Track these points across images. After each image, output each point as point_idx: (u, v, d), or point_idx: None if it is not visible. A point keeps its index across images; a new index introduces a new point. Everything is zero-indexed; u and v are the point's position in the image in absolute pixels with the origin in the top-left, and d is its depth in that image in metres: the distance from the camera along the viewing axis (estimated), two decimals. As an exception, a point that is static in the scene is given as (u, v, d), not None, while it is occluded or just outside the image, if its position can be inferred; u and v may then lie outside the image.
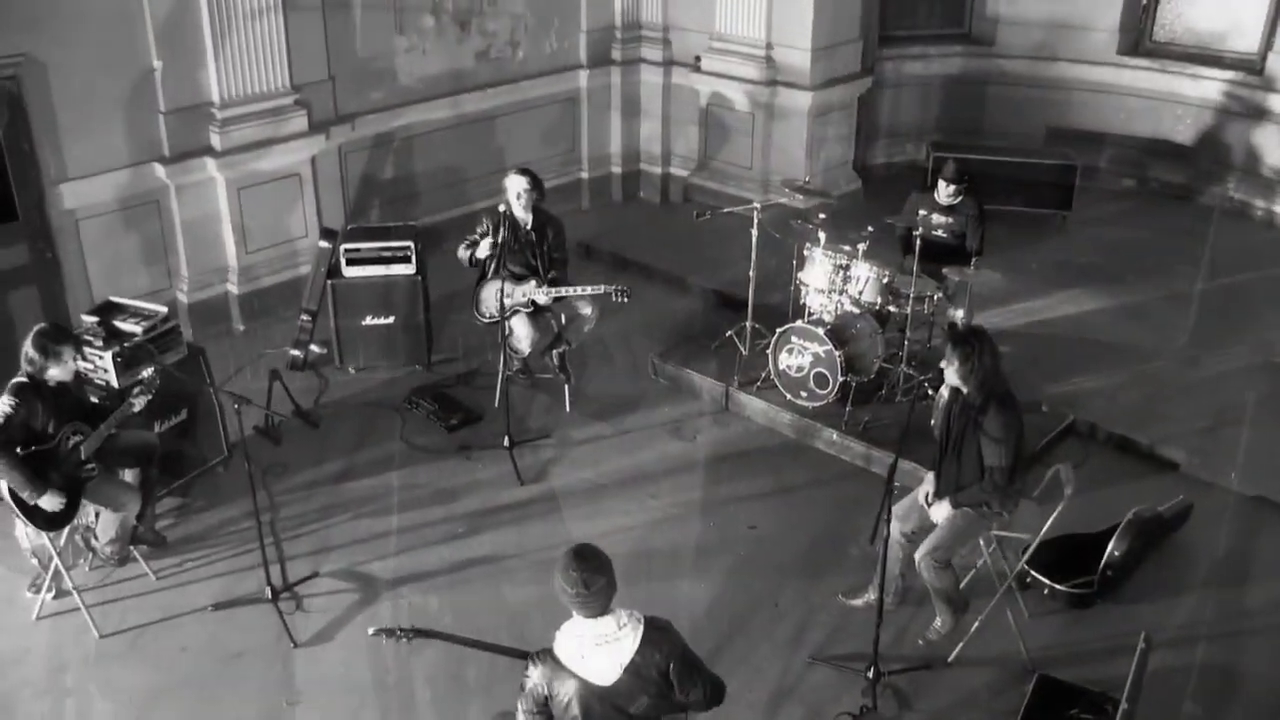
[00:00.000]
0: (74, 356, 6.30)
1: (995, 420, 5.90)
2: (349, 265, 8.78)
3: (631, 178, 12.53)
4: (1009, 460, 5.93)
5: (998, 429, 5.90)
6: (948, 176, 8.59)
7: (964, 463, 6.07)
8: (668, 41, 11.94)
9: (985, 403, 5.92)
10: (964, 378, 5.92)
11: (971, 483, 6.06)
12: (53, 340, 6.20)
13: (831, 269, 8.07)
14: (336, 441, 8.24)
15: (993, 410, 5.90)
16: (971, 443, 6.01)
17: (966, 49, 12.82)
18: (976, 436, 5.97)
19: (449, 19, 10.63)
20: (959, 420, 6.06)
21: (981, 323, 8.78)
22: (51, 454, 6.25)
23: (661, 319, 9.83)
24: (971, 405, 5.97)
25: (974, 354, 5.86)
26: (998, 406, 5.91)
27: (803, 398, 8.16)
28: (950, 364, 5.93)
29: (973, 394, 5.95)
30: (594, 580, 4.30)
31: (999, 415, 5.90)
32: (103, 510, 6.66)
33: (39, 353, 6.16)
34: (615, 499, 7.64)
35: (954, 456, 6.11)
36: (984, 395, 5.92)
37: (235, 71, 9.08)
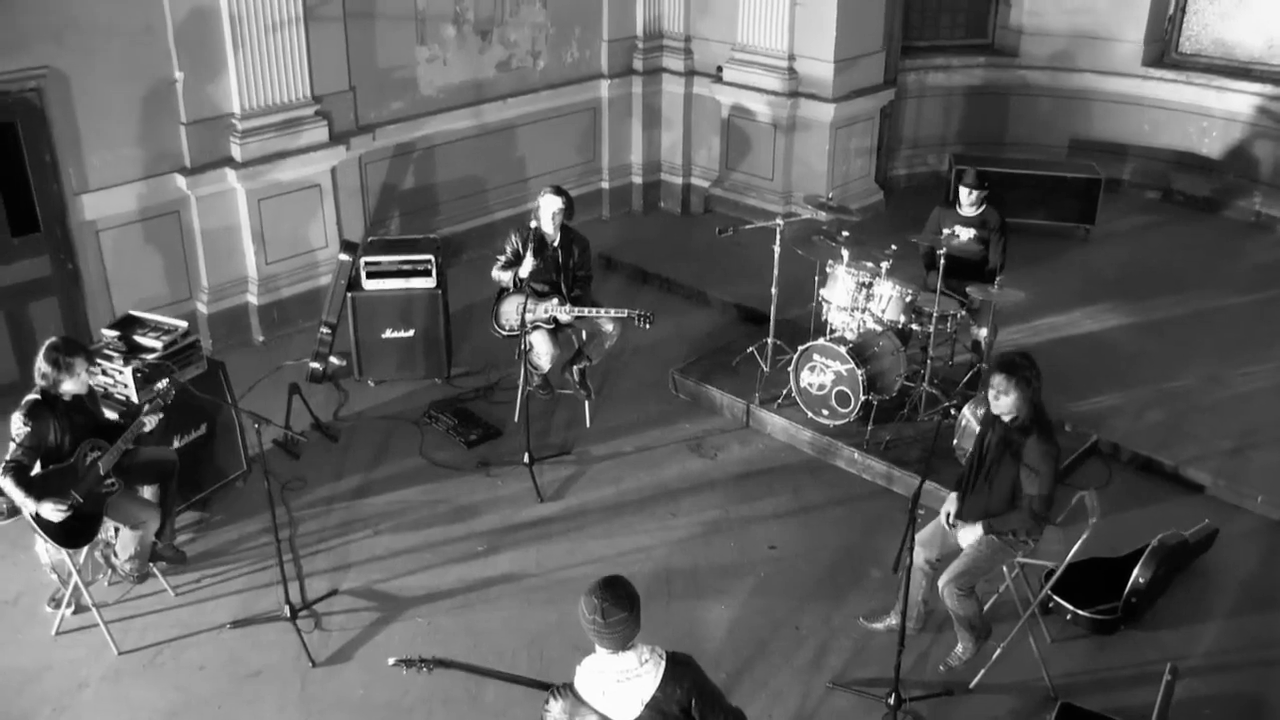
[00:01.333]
0: (86, 369, 6.24)
1: (1036, 449, 5.80)
2: (369, 278, 8.76)
3: (652, 188, 12.49)
4: (1048, 490, 5.84)
5: (1038, 458, 5.80)
6: (968, 183, 8.50)
7: (995, 489, 5.99)
8: (689, 51, 11.90)
9: (1027, 431, 5.84)
10: (1017, 407, 5.79)
11: (1000, 510, 5.98)
12: (64, 353, 6.14)
13: (854, 286, 8.02)
14: (356, 456, 8.21)
15: (1034, 439, 5.81)
16: (1007, 470, 5.91)
17: (989, 60, 12.75)
18: (1015, 465, 5.87)
19: (470, 29, 10.61)
20: (996, 447, 5.96)
21: (1003, 339, 8.79)
22: (71, 471, 6.22)
23: (682, 333, 9.79)
24: (1013, 433, 5.88)
25: (1030, 382, 5.75)
26: (1039, 435, 5.82)
27: (824, 416, 8.11)
28: (1005, 394, 5.76)
29: (1020, 421, 5.84)
30: (613, 612, 4.26)
31: (1040, 444, 5.80)
32: (122, 527, 6.63)
33: (51, 366, 6.12)
34: (635, 517, 7.60)
35: (985, 482, 6.03)
36: (1028, 424, 5.83)
37: (256, 82, 9.07)
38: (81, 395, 6.32)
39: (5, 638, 6.59)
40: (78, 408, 6.32)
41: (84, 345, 6.39)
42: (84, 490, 6.25)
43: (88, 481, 6.28)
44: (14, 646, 6.52)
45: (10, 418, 6.18)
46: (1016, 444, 5.85)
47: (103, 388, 7.08)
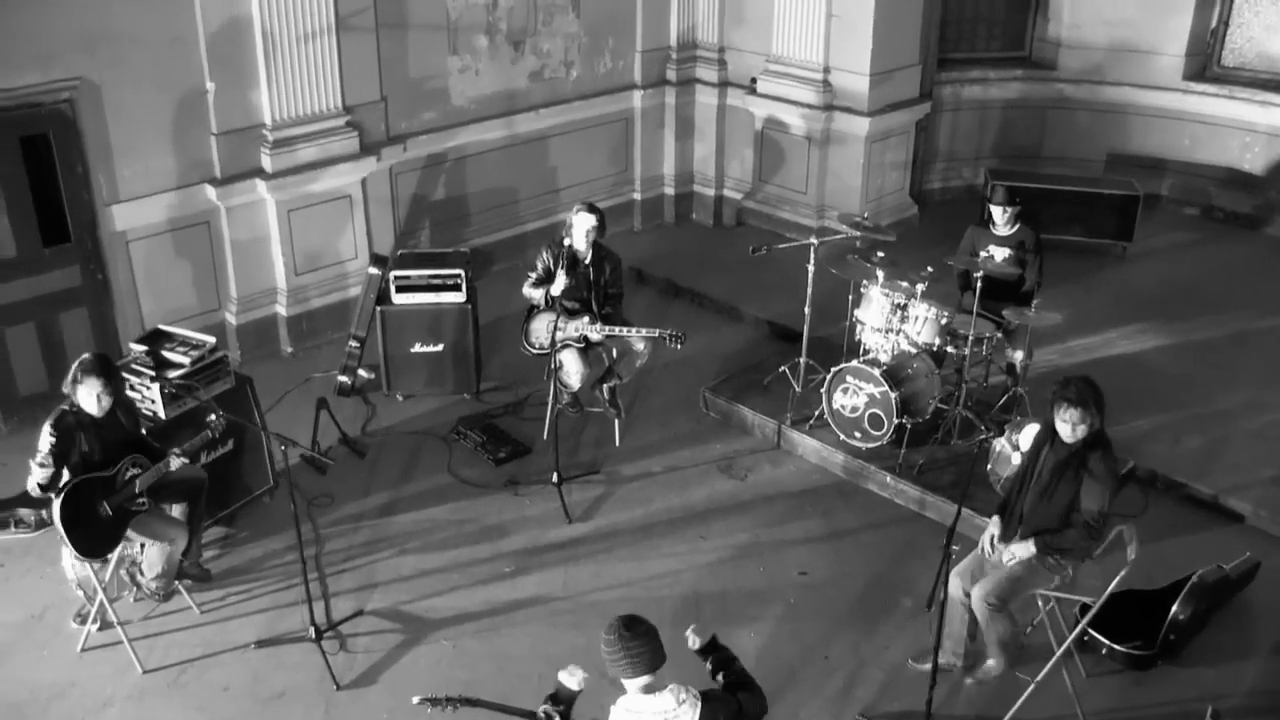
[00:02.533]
0: (103, 390, 6.11)
1: (1100, 465, 5.77)
2: (399, 292, 8.70)
3: (684, 199, 12.40)
4: (1108, 505, 5.81)
5: (1104, 473, 5.77)
6: (999, 201, 8.35)
7: (1054, 506, 5.91)
8: (723, 63, 11.80)
9: (1091, 446, 5.79)
10: (1081, 426, 5.74)
11: (1056, 528, 5.90)
12: (80, 369, 6.13)
13: (889, 308, 7.91)
14: (383, 472, 8.16)
15: (1098, 455, 5.78)
16: (1067, 489, 5.85)
17: (1027, 73, 12.61)
18: (1075, 483, 5.82)
19: (503, 39, 10.54)
20: (1055, 468, 5.88)
21: (1039, 360, 8.66)
22: (108, 482, 6.23)
23: (713, 349, 9.70)
24: (1075, 454, 5.82)
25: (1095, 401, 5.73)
26: (1103, 451, 5.80)
27: (856, 438, 8.00)
28: (1080, 424, 5.72)
29: (1088, 438, 5.79)
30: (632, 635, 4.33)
31: (1105, 460, 5.79)
32: (149, 543, 6.59)
33: (70, 379, 6.15)
34: (664, 540, 7.50)
35: (1044, 501, 5.93)
36: (1089, 442, 5.79)
37: (287, 93, 9.04)
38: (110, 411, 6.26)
39: (32, 653, 6.57)
40: (109, 423, 6.28)
41: (107, 368, 6.22)
42: (115, 503, 6.25)
43: (120, 496, 6.27)
44: (40, 662, 6.49)
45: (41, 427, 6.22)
46: (1080, 460, 5.80)
47: (132, 402, 7.05)
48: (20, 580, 7.06)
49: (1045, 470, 5.92)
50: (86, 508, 6.19)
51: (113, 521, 6.29)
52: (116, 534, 6.36)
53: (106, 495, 6.23)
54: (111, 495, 6.25)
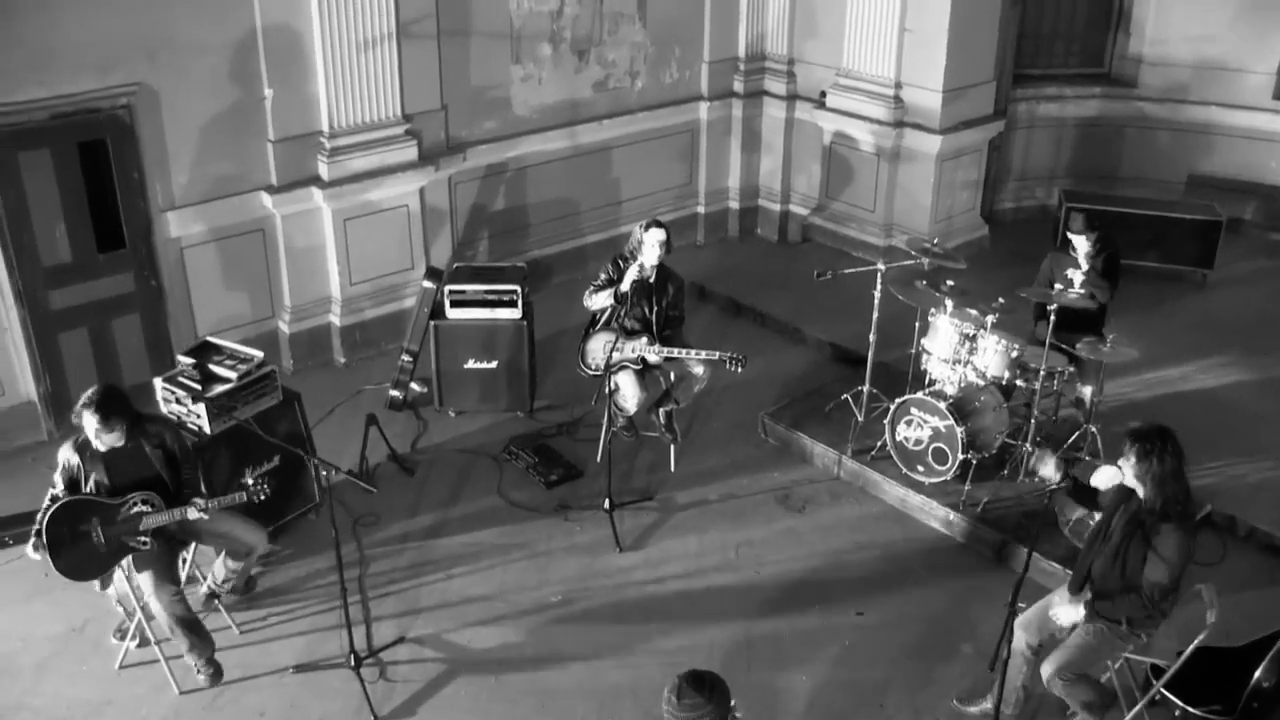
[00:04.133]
0: (100, 429, 5.86)
1: (1170, 539, 5.35)
2: (453, 307, 8.54)
3: (749, 214, 12.15)
4: (1172, 583, 5.40)
5: (1171, 549, 5.34)
6: (1078, 229, 7.94)
7: (1128, 572, 5.52)
8: (792, 75, 11.53)
9: (1162, 515, 5.37)
10: (1140, 478, 5.39)
11: (1117, 593, 5.55)
12: (83, 404, 5.88)
13: (957, 338, 7.61)
14: (431, 491, 7.99)
15: (1170, 527, 5.35)
16: (1137, 552, 5.46)
17: (1105, 90, 12.23)
18: (1144, 547, 5.43)
19: (567, 48, 10.36)
20: (1127, 525, 5.51)
21: (1111, 393, 8.33)
22: (105, 508, 6.01)
23: (774, 371, 9.44)
24: (1146, 514, 5.43)
25: (1153, 454, 5.32)
26: (1178, 524, 5.36)
27: (919, 472, 7.72)
28: (1127, 460, 5.40)
29: (1149, 500, 5.40)
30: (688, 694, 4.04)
31: (1175, 535, 5.34)
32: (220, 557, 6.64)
33: (75, 414, 5.92)
34: (717, 573, 7.26)
35: (1115, 564, 5.56)
36: (1161, 505, 5.37)
37: (346, 100, 8.91)
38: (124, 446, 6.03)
39: (71, 667, 6.48)
40: (125, 456, 6.06)
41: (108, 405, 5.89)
42: (113, 534, 6.03)
43: (120, 528, 6.04)
44: (79, 677, 6.40)
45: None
46: (1150, 527, 5.40)
47: (176, 416, 6.96)
48: (64, 592, 6.92)
49: (1118, 527, 5.56)
50: (78, 529, 5.99)
51: (108, 551, 6.07)
52: (109, 564, 6.14)
53: (105, 523, 6.01)
54: (110, 525, 6.02)
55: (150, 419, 6.25)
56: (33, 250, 8.03)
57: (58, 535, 5.98)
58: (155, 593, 6.09)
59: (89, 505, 6.01)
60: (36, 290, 8.13)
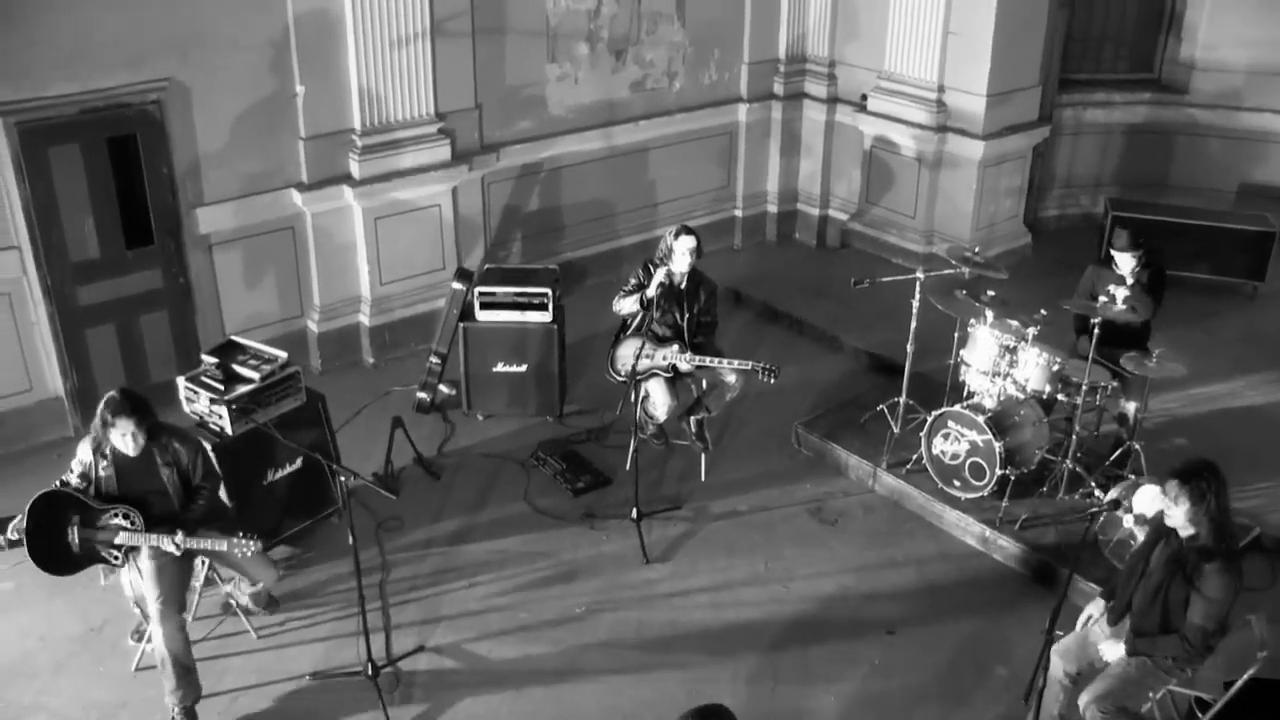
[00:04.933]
0: (136, 429, 5.74)
1: (1215, 580, 5.07)
2: (483, 309, 8.41)
3: (787, 218, 11.96)
4: (1216, 625, 5.14)
5: (1216, 590, 5.07)
6: (1123, 246, 7.63)
7: (1170, 612, 5.26)
8: (833, 77, 11.34)
9: (1207, 555, 5.10)
10: (1192, 520, 5.11)
11: (1157, 634, 5.29)
12: (110, 410, 5.73)
13: (997, 350, 7.40)
14: (457, 496, 7.86)
15: (1215, 567, 5.08)
16: (1179, 593, 5.19)
17: (1155, 96, 11.94)
18: (1186, 587, 5.16)
19: (604, 47, 10.21)
20: (1167, 564, 5.23)
21: (1155, 409, 8.10)
22: (91, 514, 5.85)
23: (809, 379, 9.25)
24: (1189, 552, 5.16)
25: (1208, 494, 5.05)
26: (1223, 563, 5.08)
27: (956, 487, 7.51)
28: (1177, 503, 5.10)
29: (1200, 539, 5.13)
30: None
31: (1221, 575, 5.07)
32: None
33: (99, 419, 5.76)
34: (746, 586, 7.08)
35: (1155, 604, 5.30)
36: (1208, 546, 5.11)
37: (379, 98, 8.81)
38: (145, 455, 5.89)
39: (88, 668, 6.41)
40: (137, 463, 5.89)
41: (141, 406, 5.81)
42: (85, 537, 5.87)
43: (95, 534, 5.87)
44: (95, 678, 6.33)
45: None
46: (1193, 566, 5.13)
47: (198, 416, 6.87)
48: (84, 590, 6.86)
49: (1158, 566, 5.29)
50: (56, 523, 5.85)
51: (79, 554, 5.90)
52: (78, 567, 5.96)
53: (83, 525, 5.85)
54: (88, 528, 5.86)
55: (172, 433, 6.07)
56: (61, 246, 7.98)
57: (38, 522, 5.84)
58: (159, 619, 5.89)
59: (74, 501, 5.84)
60: (64, 286, 8.08)
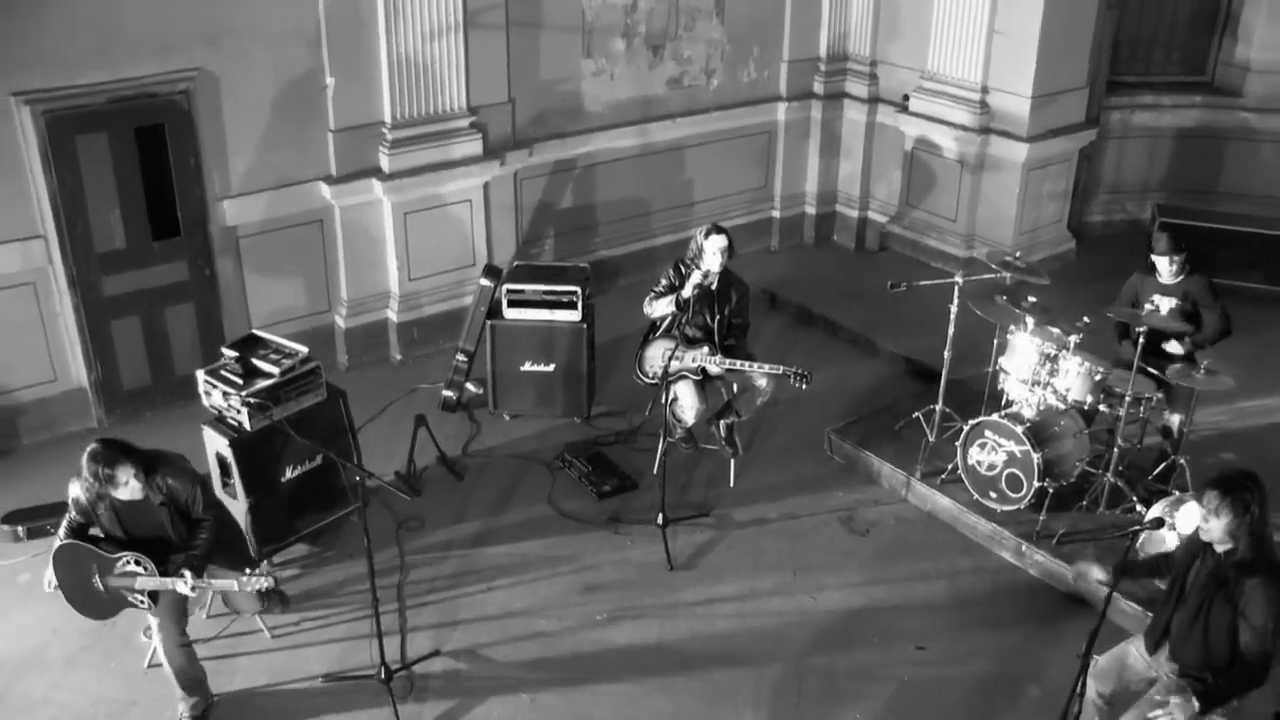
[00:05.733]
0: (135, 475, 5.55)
1: (1258, 597, 4.75)
2: (510, 307, 8.27)
3: (826, 219, 11.74)
4: (1272, 646, 4.76)
5: (1261, 608, 4.74)
6: (1163, 250, 7.39)
7: (1212, 638, 4.94)
8: (874, 77, 11.11)
9: (1248, 570, 4.80)
10: (1233, 534, 4.80)
11: (1220, 661, 4.93)
12: (100, 462, 5.50)
13: (1037, 358, 7.17)
14: (479, 497, 7.72)
15: (1257, 582, 4.77)
16: (1222, 614, 4.87)
17: (1207, 99, 11.61)
18: (1230, 609, 4.84)
19: (641, 43, 10.04)
20: (1207, 583, 4.94)
21: (1201, 422, 7.83)
22: (106, 564, 5.71)
23: (844, 384, 9.04)
24: (1227, 569, 4.86)
25: (1251, 505, 4.75)
26: (1266, 580, 4.77)
27: (992, 499, 7.28)
28: (1218, 515, 4.79)
29: (1241, 554, 4.82)
30: None
31: (1264, 590, 4.75)
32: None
33: (92, 478, 5.54)
34: (772, 597, 6.89)
35: (1197, 626, 4.99)
36: (1248, 561, 4.81)
37: (410, 91, 8.69)
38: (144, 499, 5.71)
39: (100, 664, 6.32)
40: (138, 506, 5.72)
41: (129, 450, 5.59)
42: (110, 585, 5.74)
43: (117, 580, 5.72)
44: (106, 675, 6.23)
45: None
46: (1233, 584, 4.83)
47: (216, 410, 6.76)
48: (99, 585, 6.79)
49: (1195, 586, 5.00)
50: (81, 573, 5.74)
51: (109, 600, 5.80)
52: (114, 610, 5.87)
53: (103, 574, 5.71)
54: (108, 576, 5.72)
55: (166, 466, 5.77)
56: (87, 236, 7.92)
57: (67, 572, 5.76)
58: (161, 636, 5.79)
59: (88, 553, 5.72)
60: (90, 276, 8.01)
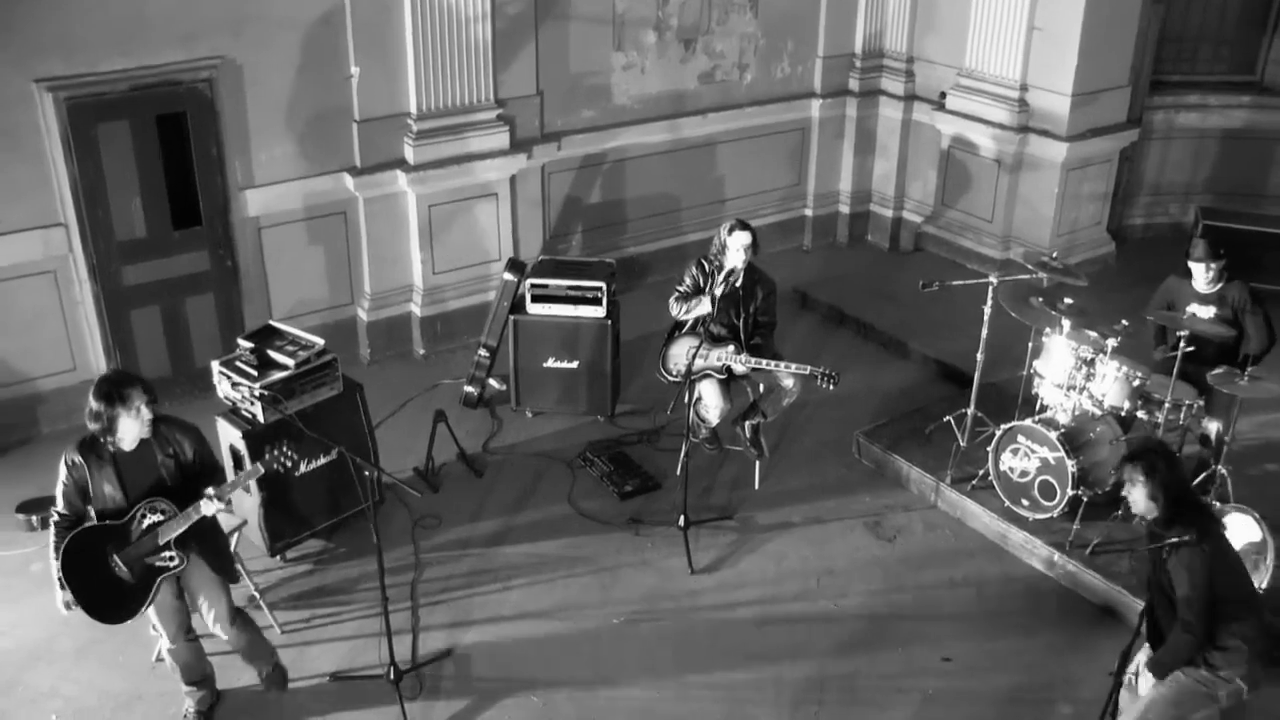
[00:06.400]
0: (145, 403, 5.15)
1: (1178, 568, 4.87)
2: (534, 302, 8.12)
3: (860, 219, 11.53)
4: (1198, 603, 4.83)
5: (1182, 581, 4.85)
6: (1200, 256, 7.15)
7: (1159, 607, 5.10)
8: (911, 74, 10.89)
9: (1168, 526, 4.96)
10: (1152, 497, 4.97)
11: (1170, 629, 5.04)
12: (116, 384, 5.12)
13: (1073, 362, 6.95)
14: (499, 495, 7.58)
15: (1178, 556, 4.89)
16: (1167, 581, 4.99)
17: (1255, 99, 11.29)
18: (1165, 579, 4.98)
19: (673, 36, 9.87)
20: (1153, 554, 5.09)
21: (1243, 432, 7.56)
22: (122, 533, 5.25)
23: (874, 387, 8.84)
24: (1158, 537, 5.02)
25: (1158, 465, 4.96)
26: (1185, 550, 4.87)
27: (1024, 507, 7.07)
28: (1133, 485, 5.02)
29: (1158, 521, 5.01)
30: None
31: (1182, 560, 4.86)
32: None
33: (103, 401, 5.07)
34: (794, 603, 6.71)
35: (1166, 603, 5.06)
36: (1167, 519, 4.97)
37: (435, 82, 8.56)
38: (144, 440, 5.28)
39: (108, 657, 6.24)
40: (137, 458, 5.28)
41: (138, 378, 5.29)
42: (132, 558, 5.27)
43: (140, 548, 5.28)
44: (113, 668, 6.15)
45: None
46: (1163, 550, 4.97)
47: (230, 401, 6.65)
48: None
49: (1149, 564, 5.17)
50: (96, 566, 5.27)
51: (137, 581, 5.31)
52: (144, 594, 5.34)
53: (120, 548, 5.24)
54: (126, 548, 5.25)
55: (170, 421, 5.43)
56: (107, 225, 7.84)
57: (82, 581, 5.29)
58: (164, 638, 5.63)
59: (96, 534, 5.26)
60: (110, 265, 7.94)
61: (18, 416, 7.96)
